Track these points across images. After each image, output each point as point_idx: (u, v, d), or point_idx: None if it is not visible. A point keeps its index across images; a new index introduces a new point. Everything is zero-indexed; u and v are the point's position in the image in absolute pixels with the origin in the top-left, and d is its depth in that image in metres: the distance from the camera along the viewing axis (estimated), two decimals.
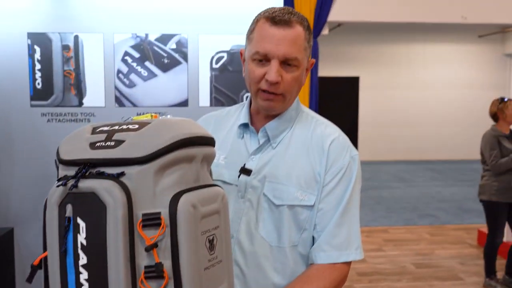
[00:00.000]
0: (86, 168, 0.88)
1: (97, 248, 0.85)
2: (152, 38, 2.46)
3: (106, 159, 0.88)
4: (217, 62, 2.48)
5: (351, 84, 12.23)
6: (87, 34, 2.45)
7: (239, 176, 1.30)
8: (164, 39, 2.46)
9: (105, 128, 0.95)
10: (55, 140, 2.58)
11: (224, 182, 1.31)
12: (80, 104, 2.47)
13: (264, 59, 1.24)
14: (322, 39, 6.29)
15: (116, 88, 2.47)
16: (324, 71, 11.09)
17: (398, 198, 7.88)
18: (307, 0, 5.05)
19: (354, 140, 12.15)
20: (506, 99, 4.11)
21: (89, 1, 2.46)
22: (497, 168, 3.97)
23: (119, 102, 2.48)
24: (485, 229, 5.45)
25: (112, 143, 0.90)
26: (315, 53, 5.03)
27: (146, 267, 0.87)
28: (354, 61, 12.10)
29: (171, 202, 0.88)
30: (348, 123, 12.21)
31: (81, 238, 0.86)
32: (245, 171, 1.29)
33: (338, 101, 12.08)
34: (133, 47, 2.45)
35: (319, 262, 1.27)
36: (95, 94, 2.45)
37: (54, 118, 2.47)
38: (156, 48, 2.45)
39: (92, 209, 0.86)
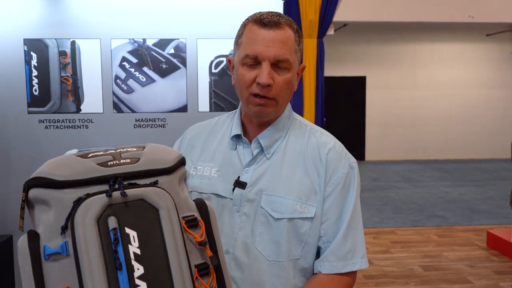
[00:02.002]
0: (119, 180, 0.88)
1: (155, 254, 0.85)
2: (150, 43, 2.42)
3: (137, 171, 0.91)
4: (216, 67, 2.44)
5: (358, 84, 12.15)
6: (84, 39, 2.42)
7: (233, 190, 1.26)
8: (162, 44, 2.42)
9: (98, 153, 0.96)
10: (53, 146, 2.57)
11: (218, 195, 1.27)
12: (78, 110, 2.44)
13: (254, 61, 1.20)
14: (327, 39, 6.25)
15: (114, 94, 2.44)
16: (331, 71, 11.04)
17: (405, 198, 7.80)
18: (312, 1, 5.01)
19: (361, 140, 12.08)
20: None
21: (86, 6, 2.43)
22: None
23: (117, 108, 2.44)
24: (494, 230, 5.38)
25: (128, 160, 0.93)
26: (320, 53, 4.99)
27: (197, 265, 0.92)
28: (360, 61, 12.02)
29: (199, 206, 1.00)
30: (355, 123, 12.13)
31: (133, 248, 0.84)
32: (239, 184, 1.25)
33: (345, 101, 12.01)
34: (131, 52, 2.42)
35: (324, 272, 1.24)
36: (93, 100, 2.42)
37: (52, 125, 2.45)
38: (154, 53, 2.42)
39: (141, 215, 0.86)
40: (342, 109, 11.93)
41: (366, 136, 12.21)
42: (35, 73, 2.41)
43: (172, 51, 2.43)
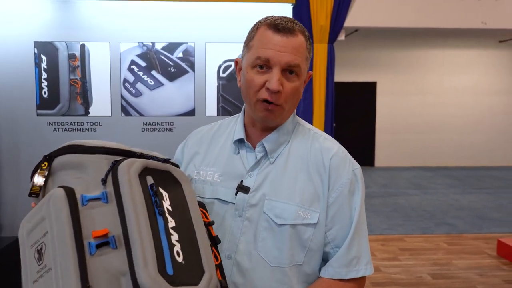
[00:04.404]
0: (149, 155, 1.02)
1: (182, 214, 0.96)
2: (158, 47, 2.43)
3: (156, 156, 1.05)
4: (224, 71, 2.44)
5: (368, 90, 12.10)
6: (93, 43, 2.44)
7: (236, 194, 1.24)
8: (171, 48, 2.43)
9: None
10: None
11: (221, 200, 1.26)
12: (86, 113, 2.46)
13: (265, 65, 1.18)
14: (338, 44, 6.23)
15: (123, 97, 2.45)
16: (341, 76, 11.01)
17: (415, 205, 7.74)
18: (323, 6, 5.00)
19: (371, 146, 12.01)
20: None
21: (96, 10, 2.45)
22: None
23: (125, 111, 2.45)
24: (504, 238, 5.32)
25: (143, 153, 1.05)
26: (331, 58, 4.98)
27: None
28: (371, 66, 11.98)
29: None
30: (365, 128, 12.08)
31: (166, 204, 0.93)
32: (242, 188, 1.24)
33: (355, 107, 11.97)
34: (140, 56, 2.43)
35: (327, 277, 1.24)
36: (101, 103, 2.44)
37: (60, 127, 2.46)
38: (162, 57, 2.43)
39: (169, 183, 0.99)
40: (352, 114, 11.88)
41: (376, 142, 12.15)
42: (44, 75, 2.42)
43: (180, 55, 2.44)
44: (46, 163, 0.98)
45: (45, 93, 2.43)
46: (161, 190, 0.94)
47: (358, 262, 1.24)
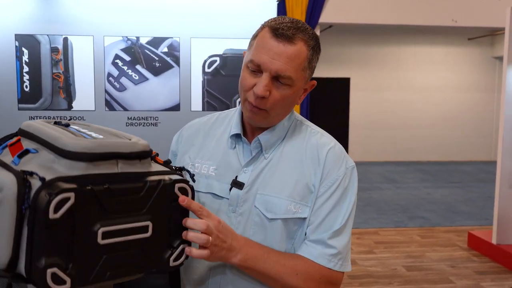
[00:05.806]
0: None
1: (98, 129, 1.05)
2: (143, 41, 2.42)
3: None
4: (209, 66, 2.44)
5: (342, 85, 12.22)
6: (76, 36, 2.41)
7: (230, 189, 1.24)
8: (156, 42, 2.42)
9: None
10: None
11: (215, 195, 1.25)
12: (70, 107, 2.43)
13: (257, 70, 1.18)
14: None
15: (106, 91, 2.43)
16: (315, 72, 11.05)
17: (388, 199, 7.88)
18: (299, 2, 5.05)
19: (344, 141, 12.14)
20: None
21: (79, 3, 2.42)
22: None
23: (109, 105, 2.43)
24: (475, 231, 5.47)
25: None
26: None
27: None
28: (345, 62, 12.10)
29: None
30: (338, 124, 12.20)
31: (76, 126, 1.04)
32: (237, 184, 1.23)
33: (329, 102, 12.06)
34: (124, 50, 2.41)
35: (299, 252, 1.22)
36: (85, 98, 2.41)
37: None
38: (147, 52, 2.41)
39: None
40: (326, 110, 11.98)
41: (350, 137, 12.30)
42: (26, 69, 2.38)
43: (165, 49, 2.43)
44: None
45: (26, 87, 2.39)
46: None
47: (334, 257, 1.22)
